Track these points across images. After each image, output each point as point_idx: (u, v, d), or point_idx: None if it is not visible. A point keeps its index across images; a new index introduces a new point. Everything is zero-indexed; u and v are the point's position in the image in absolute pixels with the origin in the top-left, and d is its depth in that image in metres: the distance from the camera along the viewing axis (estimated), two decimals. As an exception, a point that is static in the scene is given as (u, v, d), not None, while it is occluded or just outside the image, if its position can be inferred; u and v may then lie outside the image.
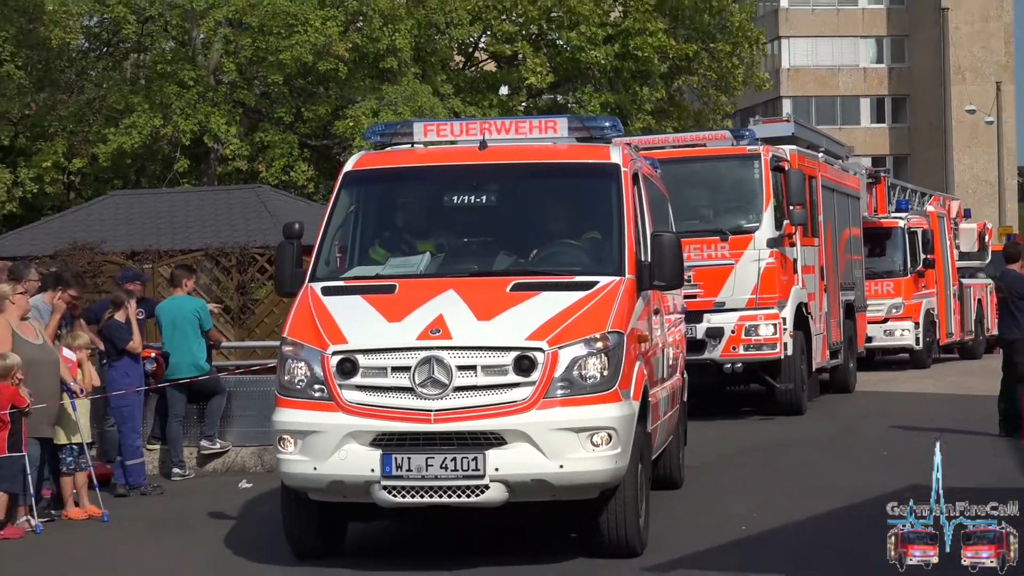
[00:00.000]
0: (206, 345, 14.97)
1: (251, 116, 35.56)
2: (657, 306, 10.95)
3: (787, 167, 18.83)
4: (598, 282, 9.71)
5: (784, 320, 18.46)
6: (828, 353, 21.13)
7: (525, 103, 40.19)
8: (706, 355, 18.24)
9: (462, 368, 8.96)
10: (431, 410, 8.92)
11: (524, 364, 8.99)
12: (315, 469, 9.10)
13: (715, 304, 18.30)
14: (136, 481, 13.62)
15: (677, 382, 12.58)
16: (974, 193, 64.33)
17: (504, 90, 40.76)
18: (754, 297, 18.31)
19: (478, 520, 10.06)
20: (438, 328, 9.08)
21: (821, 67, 70.53)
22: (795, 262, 19.05)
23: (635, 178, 10.77)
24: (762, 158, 18.59)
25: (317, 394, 9.18)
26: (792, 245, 18.96)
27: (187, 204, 27.26)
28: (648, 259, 10.18)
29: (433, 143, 11.15)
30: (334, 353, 9.16)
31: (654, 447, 10.80)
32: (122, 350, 13.65)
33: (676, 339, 12.59)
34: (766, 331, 18.30)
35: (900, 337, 27.70)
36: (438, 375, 8.94)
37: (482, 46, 40.84)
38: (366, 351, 9.14)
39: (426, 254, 10.33)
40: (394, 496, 8.96)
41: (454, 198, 10.78)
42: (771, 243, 18.39)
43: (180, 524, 11.75)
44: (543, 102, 40.78)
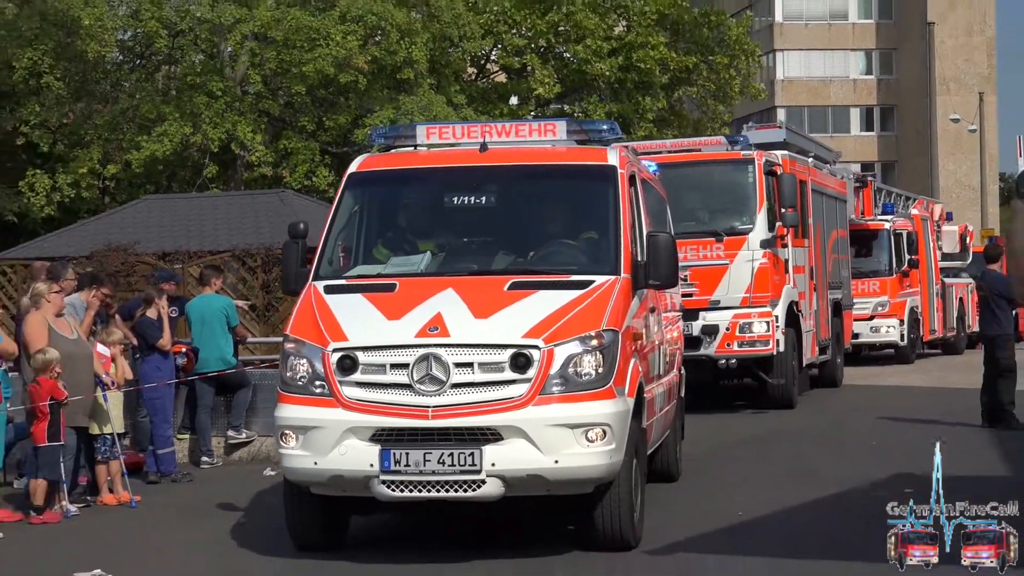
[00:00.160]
0: (233, 341, 14.93)
1: (275, 125, 35.46)
2: (653, 304, 10.55)
3: (779, 171, 18.50)
4: (594, 281, 9.32)
5: (776, 318, 18.14)
6: (817, 349, 20.82)
7: (533, 112, 40.00)
8: (702, 351, 17.91)
9: (459, 365, 8.60)
10: (429, 406, 8.55)
11: (520, 361, 8.62)
12: (316, 464, 8.73)
13: (711, 302, 17.97)
14: (167, 469, 13.55)
15: (674, 378, 12.18)
16: (958, 197, 64.15)
17: (514, 100, 40.74)
18: (748, 296, 17.98)
19: (476, 514, 9.68)
20: (436, 326, 8.71)
21: (813, 78, 70.44)
22: (787, 262, 18.72)
23: (632, 180, 10.38)
24: (756, 163, 18.27)
25: (318, 390, 8.81)
26: (784, 246, 18.62)
27: (215, 208, 27.34)
28: (644, 259, 9.77)
29: (435, 145, 10.75)
30: (334, 350, 8.80)
31: (650, 442, 10.39)
32: (152, 346, 13.57)
33: (673, 336, 12.20)
34: (759, 328, 17.98)
35: (886, 334, 27.39)
36: (436, 372, 8.57)
37: (493, 58, 40.79)
38: (366, 348, 8.77)
39: (427, 253, 9.96)
40: (393, 490, 8.59)
41: (455, 199, 10.38)
42: (764, 244, 18.06)
43: (207, 511, 11.53)
44: (550, 112, 40.56)
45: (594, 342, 8.76)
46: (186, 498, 12.43)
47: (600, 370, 8.73)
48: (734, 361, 18.15)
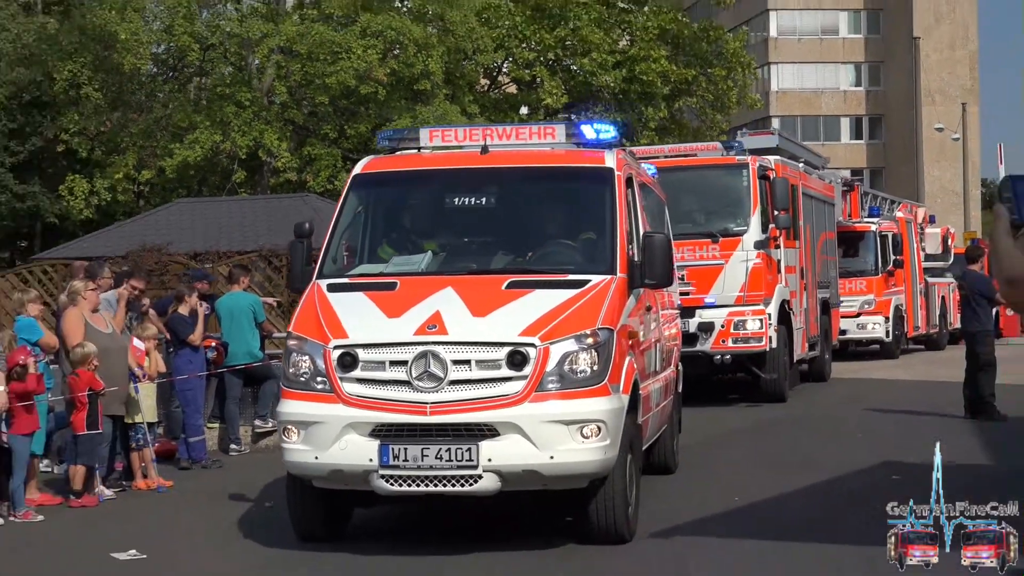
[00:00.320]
0: (260, 335, 14.79)
1: (300, 133, 35.31)
2: (650, 303, 10.11)
3: (772, 175, 18.08)
4: (590, 280, 8.88)
5: (769, 316, 17.74)
6: (807, 345, 20.40)
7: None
8: (698, 347, 17.50)
9: (457, 362, 8.18)
10: (427, 403, 8.15)
11: (517, 359, 8.20)
12: (317, 458, 8.33)
13: (706, 301, 17.57)
14: (198, 456, 13.45)
15: (671, 374, 11.74)
16: (942, 202, 63.70)
17: (524, 110, 40.57)
18: (742, 295, 17.58)
19: (473, 508, 9.29)
20: (435, 324, 8.30)
21: (806, 90, 70.24)
22: (779, 263, 18.30)
23: (629, 182, 9.96)
24: (750, 167, 17.87)
25: (319, 386, 8.41)
26: (777, 247, 18.21)
27: (243, 211, 27.33)
28: (640, 259, 9.34)
29: (438, 148, 10.35)
30: (335, 347, 8.40)
31: (645, 437, 9.95)
32: (184, 340, 13.48)
33: (671, 334, 11.77)
34: (753, 326, 17.58)
35: (872, 330, 27.02)
36: (434, 369, 8.16)
37: (505, 71, 40.64)
38: (366, 345, 8.37)
39: (428, 253, 9.55)
40: (391, 485, 8.18)
41: (456, 200, 9.98)
42: (758, 245, 17.65)
43: (236, 496, 11.29)
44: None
45: (589, 340, 8.35)
46: (216, 483, 12.25)
47: (595, 368, 8.33)
48: (729, 357, 17.76)
